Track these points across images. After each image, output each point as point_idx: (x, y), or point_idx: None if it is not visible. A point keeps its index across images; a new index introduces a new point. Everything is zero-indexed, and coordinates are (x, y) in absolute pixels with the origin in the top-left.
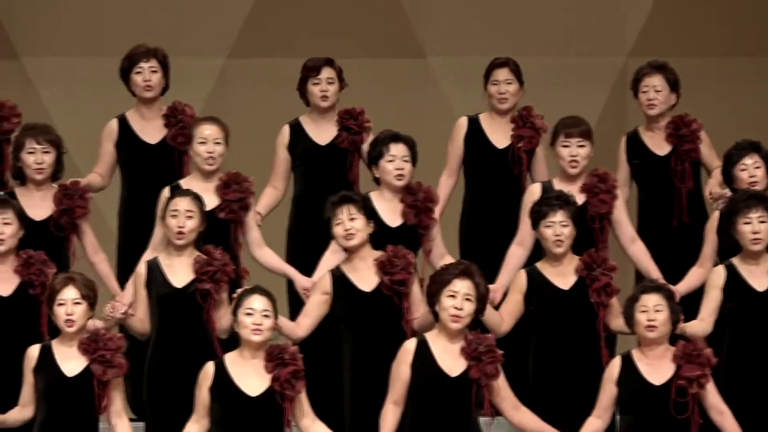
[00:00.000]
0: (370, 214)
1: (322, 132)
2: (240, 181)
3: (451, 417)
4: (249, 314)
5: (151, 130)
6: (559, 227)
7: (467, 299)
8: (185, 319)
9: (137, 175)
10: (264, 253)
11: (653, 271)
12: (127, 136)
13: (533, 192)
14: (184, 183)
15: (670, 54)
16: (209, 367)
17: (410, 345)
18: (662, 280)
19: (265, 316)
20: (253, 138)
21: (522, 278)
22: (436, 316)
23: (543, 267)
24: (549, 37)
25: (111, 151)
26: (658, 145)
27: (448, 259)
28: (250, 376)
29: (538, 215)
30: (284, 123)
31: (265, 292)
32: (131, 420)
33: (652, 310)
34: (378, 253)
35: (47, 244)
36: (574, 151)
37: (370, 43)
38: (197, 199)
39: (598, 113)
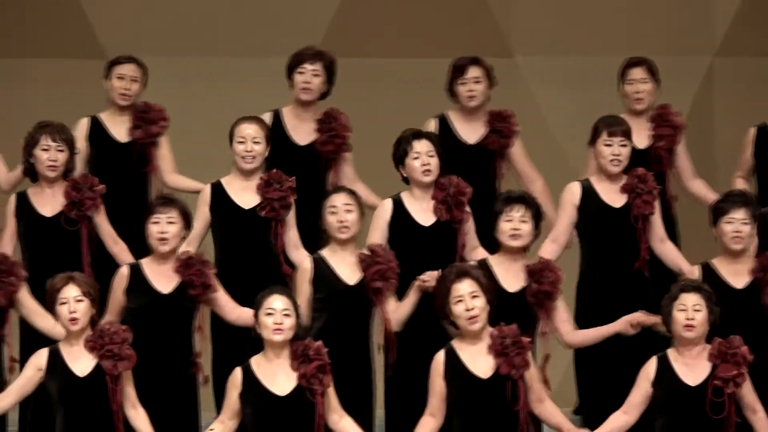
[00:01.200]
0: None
1: (470, 131)
2: (281, 180)
3: (495, 419)
4: (270, 314)
5: (302, 132)
6: (739, 224)
7: (474, 296)
8: (355, 315)
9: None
10: (299, 254)
11: (685, 266)
12: (279, 134)
13: (573, 191)
14: (225, 182)
15: (757, 53)
16: (237, 373)
17: (440, 356)
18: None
19: (286, 315)
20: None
21: (695, 274)
22: (455, 326)
23: (719, 264)
24: (636, 35)
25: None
26: None
27: (481, 253)
28: (278, 377)
29: (719, 212)
30: (375, 123)
31: (284, 291)
32: None
33: (691, 309)
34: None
35: (59, 240)
36: (617, 150)
37: (457, 42)
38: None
39: (686, 112)
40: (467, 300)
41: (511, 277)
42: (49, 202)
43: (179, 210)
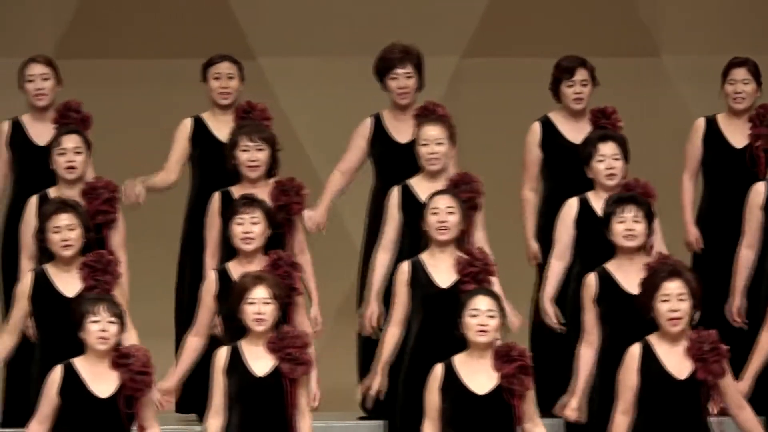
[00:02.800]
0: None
1: (575, 131)
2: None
3: (683, 421)
4: (474, 315)
5: (403, 131)
6: None
7: (681, 299)
8: (449, 318)
9: (388, 172)
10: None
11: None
12: (381, 136)
13: (759, 191)
14: (236, 190)
15: None
16: (438, 369)
17: (635, 350)
18: None
19: (491, 316)
20: (488, 137)
21: None
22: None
23: None
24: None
25: (364, 148)
26: None
27: None
28: (479, 376)
29: None
30: (516, 122)
31: (488, 292)
32: (363, 418)
33: None
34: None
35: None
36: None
37: (604, 42)
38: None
39: None
40: (674, 301)
41: (632, 278)
42: None
43: (263, 210)
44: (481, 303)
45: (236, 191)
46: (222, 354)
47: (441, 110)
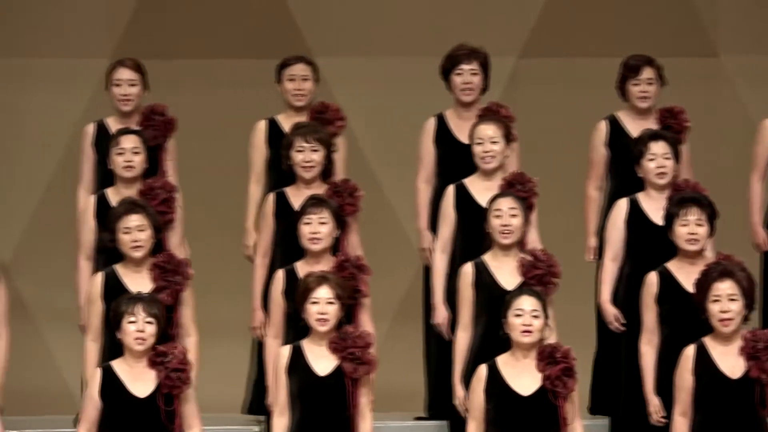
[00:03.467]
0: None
1: (640, 128)
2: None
3: (739, 421)
4: (519, 315)
5: (466, 131)
6: None
7: (732, 299)
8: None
9: (450, 172)
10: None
11: None
12: (445, 136)
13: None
14: (290, 191)
15: None
16: (482, 370)
17: (689, 352)
18: None
19: (535, 316)
20: (544, 138)
21: None
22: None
23: None
24: None
25: (431, 149)
26: None
27: None
28: (523, 377)
29: None
30: (577, 123)
31: (534, 292)
32: (419, 419)
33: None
34: None
35: None
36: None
37: (661, 42)
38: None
39: None
40: (724, 301)
41: (693, 278)
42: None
43: (331, 210)
44: (525, 303)
45: (291, 192)
46: (284, 353)
47: (504, 111)
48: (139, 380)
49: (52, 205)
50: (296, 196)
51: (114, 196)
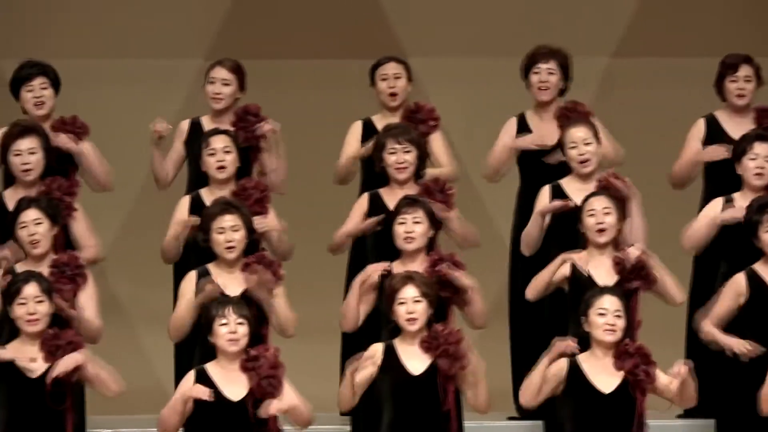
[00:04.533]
0: None
1: (739, 129)
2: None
3: None
4: (601, 314)
5: (546, 132)
6: None
7: None
8: None
9: (532, 172)
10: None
11: None
12: (524, 133)
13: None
14: (383, 192)
15: None
16: (562, 364)
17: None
18: None
19: (617, 316)
20: (639, 138)
21: None
22: None
23: None
24: None
25: (508, 147)
26: None
27: None
28: (604, 374)
29: None
30: (669, 122)
31: (616, 291)
32: (513, 418)
33: None
34: None
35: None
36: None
37: (758, 41)
38: None
39: None
40: None
41: None
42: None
43: (425, 210)
44: (609, 302)
45: (385, 193)
46: (378, 352)
47: (581, 107)
48: (233, 383)
49: (146, 205)
50: (390, 197)
51: (208, 196)
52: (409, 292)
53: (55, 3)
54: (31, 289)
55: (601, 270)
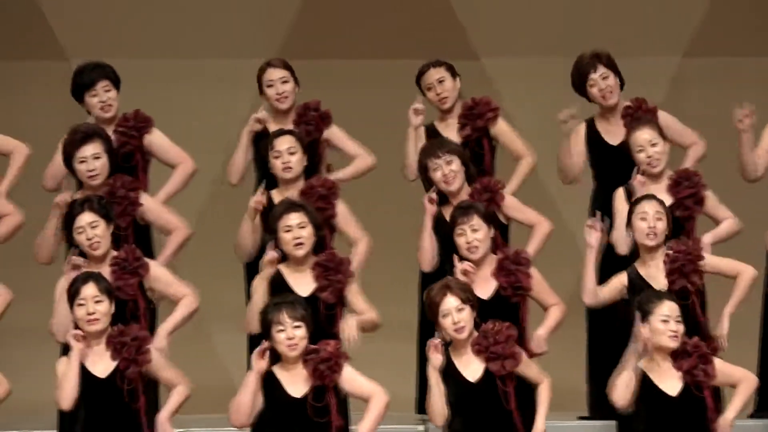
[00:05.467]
0: None
1: None
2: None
3: None
4: (665, 321)
5: (612, 134)
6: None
7: None
8: None
9: (605, 174)
10: None
11: None
12: (593, 138)
13: None
14: (445, 209)
15: None
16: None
17: None
18: None
19: (678, 321)
20: (709, 138)
21: None
22: None
23: None
24: None
25: (582, 152)
26: None
27: None
28: (668, 378)
29: None
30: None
31: (674, 298)
32: (583, 418)
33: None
34: None
35: None
36: None
37: None
38: None
39: None
40: None
41: None
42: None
43: (480, 215)
44: (669, 309)
45: (444, 210)
46: (440, 359)
47: (645, 106)
48: (297, 382)
49: (218, 205)
50: (446, 210)
51: (278, 197)
52: (451, 302)
53: (125, 3)
54: (89, 290)
55: (654, 273)
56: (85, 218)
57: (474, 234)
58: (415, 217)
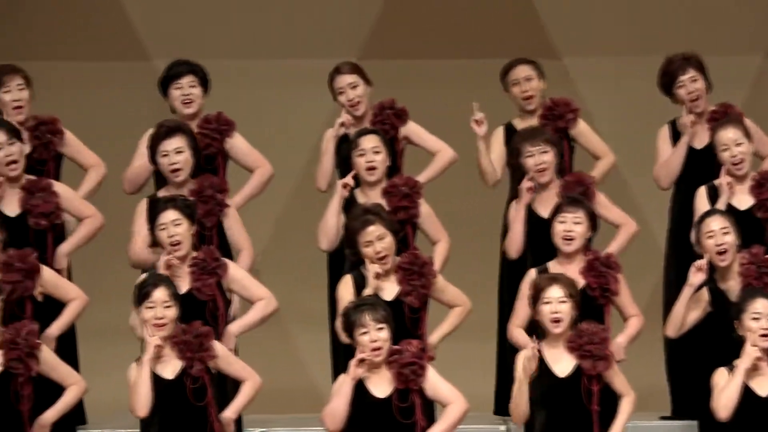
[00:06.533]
0: None
1: None
2: None
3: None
4: (755, 319)
5: (698, 136)
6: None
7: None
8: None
9: (689, 176)
10: None
11: None
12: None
13: None
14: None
15: None
16: (722, 373)
17: None
18: None
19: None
20: None
21: None
22: None
23: None
24: None
25: (667, 152)
26: None
27: None
28: (762, 378)
29: None
30: None
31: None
32: (666, 418)
33: None
34: None
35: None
36: None
37: None
38: None
39: None
40: None
41: None
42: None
43: (586, 211)
44: (762, 306)
45: (535, 200)
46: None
47: (731, 110)
48: (381, 383)
49: (300, 206)
50: (540, 203)
51: (361, 196)
52: (555, 292)
53: (208, 4)
54: (160, 294)
55: (729, 279)
56: (169, 215)
57: (575, 226)
58: (493, 219)
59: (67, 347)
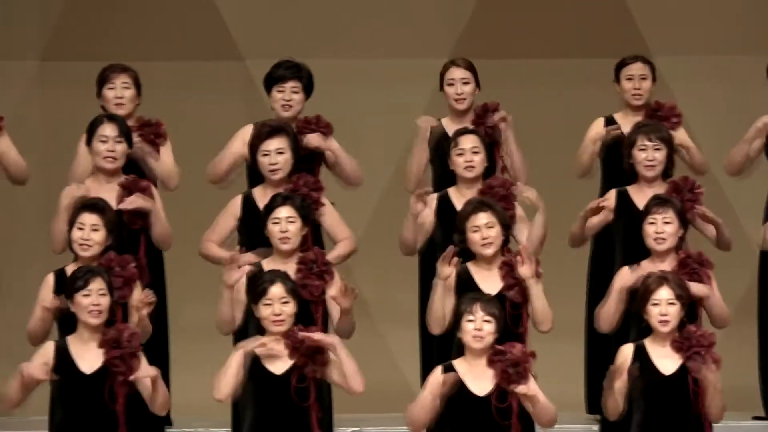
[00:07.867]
0: None
1: None
2: None
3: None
4: None
5: None
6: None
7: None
8: None
9: None
10: None
11: None
12: None
13: None
14: (632, 189)
15: None
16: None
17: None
18: None
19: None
20: None
21: None
22: None
23: None
24: None
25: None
26: None
27: None
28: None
29: None
30: None
31: None
32: (758, 418)
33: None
34: None
35: None
36: None
37: None
38: None
39: None
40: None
41: None
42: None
43: (675, 210)
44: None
45: (632, 191)
46: (628, 351)
47: None
48: (479, 379)
49: (391, 204)
50: (637, 195)
51: (456, 196)
52: (664, 293)
53: (299, 4)
54: (276, 290)
55: None
56: (284, 211)
57: (665, 226)
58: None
59: (158, 347)
